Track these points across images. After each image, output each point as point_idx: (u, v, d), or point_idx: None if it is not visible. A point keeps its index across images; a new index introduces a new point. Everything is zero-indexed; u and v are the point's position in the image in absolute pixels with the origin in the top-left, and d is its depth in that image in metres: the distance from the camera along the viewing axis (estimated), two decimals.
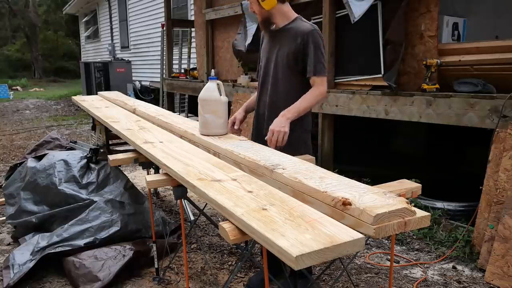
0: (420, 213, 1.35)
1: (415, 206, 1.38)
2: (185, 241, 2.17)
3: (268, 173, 1.73)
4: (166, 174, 2.05)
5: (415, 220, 1.32)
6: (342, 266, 2.68)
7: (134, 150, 2.71)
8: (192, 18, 8.26)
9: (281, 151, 2.06)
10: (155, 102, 8.99)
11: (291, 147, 2.19)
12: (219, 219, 3.74)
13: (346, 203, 1.32)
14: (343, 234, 1.18)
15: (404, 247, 3.24)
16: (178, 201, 2.09)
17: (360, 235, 1.18)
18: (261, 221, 1.27)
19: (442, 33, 3.91)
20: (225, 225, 1.37)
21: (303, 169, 1.70)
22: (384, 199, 1.35)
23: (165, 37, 7.97)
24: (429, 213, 1.37)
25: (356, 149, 5.08)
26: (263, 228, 1.22)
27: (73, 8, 18.87)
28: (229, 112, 5.76)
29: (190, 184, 1.71)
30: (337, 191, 1.41)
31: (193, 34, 7.98)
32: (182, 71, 8.16)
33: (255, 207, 1.39)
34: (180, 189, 1.99)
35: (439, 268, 2.90)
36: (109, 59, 12.86)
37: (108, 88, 11.09)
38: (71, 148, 4.07)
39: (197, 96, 2.44)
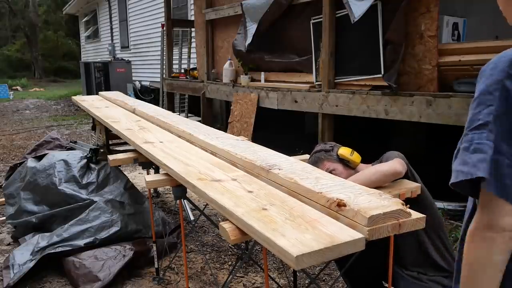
0: (415, 214, 1.34)
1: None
2: (185, 241, 2.17)
3: (264, 173, 1.72)
4: (166, 174, 2.05)
5: (410, 222, 1.31)
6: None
7: (134, 150, 2.71)
8: (192, 18, 8.26)
9: None
10: (155, 102, 8.99)
11: None
12: (219, 219, 3.74)
13: (340, 204, 1.31)
14: (343, 234, 1.18)
15: None
16: (178, 201, 2.09)
17: (361, 235, 1.18)
18: (261, 221, 1.27)
19: (442, 33, 3.90)
20: (226, 225, 1.37)
21: (299, 170, 1.70)
22: (379, 200, 1.34)
23: (165, 37, 7.96)
24: (424, 215, 1.36)
25: (356, 149, 5.08)
26: (264, 228, 1.22)
27: (73, 8, 18.86)
28: (229, 112, 5.76)
29: (191, 184, 1.71)
30: (332, 192, 1.41)
31: (193, 34, 7.98)
32: (182, 71, 8.16)
33: (255, 207, 1.39)
34: (180, 189, 1.99)
35: None
36: (109, 59, 12.85)
37: (108, 88, 11.09)
38: (71, 148, 4.07)
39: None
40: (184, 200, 2.22)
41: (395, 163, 1.75)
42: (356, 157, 1.88)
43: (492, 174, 0.78)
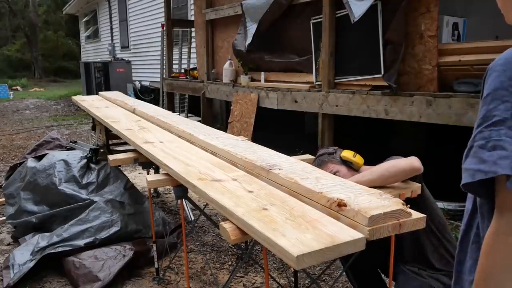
0: (415, 214, 1.34)
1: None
2: (185, 241, 2.17)
3: (265, 173, 1.72)
4: (166, 174, 2.05)
5: (411, 222, 1.31)
6: (342, 266, 2.68)
7: (134, 150, 2.71)
8: (192, 18, 8.26)
9: None
10: (155, 102, 8.99)
11: None
12: (219, 219, 3.74)
13: (341, 204, 1.31)
14: (343, 234, 1.18)
15: None
16: (179, 200, 2.09)
17: (361, 235, 1.18)
18: (261, 221, 1.27)
19: (442, 33, 3.90)
20: (226, 225, 1.37)
21: (299, 170, 1.70)
22: (379, 200, 1.34)
23: (165, 37, 7.96)
24: (425, 215, 1.36)
25: (356, 149, 5.08)
26: (264, 228, 1.21)
27: (73, 8, 18.85)
28: (229, 112, 5.76)
29: (191, 184, 1.71)
30: (332, 192, 1.41)
31: (193, 34, 7.98)
32: (182, 71, 8.16)
33: (255, 207, 1.39)
34: (181, 188, 1.99)
35: None
36: (109, 59, 12.86)
37: (108, 88, 11.09)
38: (71, 148, 4.07)
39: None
40: (185, 200, 2.22)
41: (412, 159, 1.69)
42: (358, 158, 1.90)
43: None
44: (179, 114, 7.10)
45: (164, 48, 8.09)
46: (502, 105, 0.76)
